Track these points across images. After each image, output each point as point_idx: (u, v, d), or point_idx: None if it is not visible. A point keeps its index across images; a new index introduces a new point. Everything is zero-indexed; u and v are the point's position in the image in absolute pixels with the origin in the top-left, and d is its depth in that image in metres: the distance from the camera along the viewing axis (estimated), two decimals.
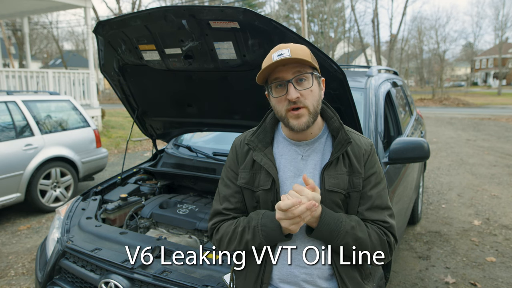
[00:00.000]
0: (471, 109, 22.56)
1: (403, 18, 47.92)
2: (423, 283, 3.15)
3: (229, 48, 1.91)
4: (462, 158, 8.18)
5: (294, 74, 1.19)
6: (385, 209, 1.29)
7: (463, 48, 51.59)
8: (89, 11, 11.09)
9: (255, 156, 1.30)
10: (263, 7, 41.11)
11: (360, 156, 1.28)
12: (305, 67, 1.20)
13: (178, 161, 2.93)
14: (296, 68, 1.19)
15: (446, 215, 4.75)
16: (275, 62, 1.16)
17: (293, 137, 1.30)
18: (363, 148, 1.30)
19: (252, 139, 1.33)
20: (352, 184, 1.25)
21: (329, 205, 1.23)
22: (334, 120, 1.30)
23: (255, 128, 1.36)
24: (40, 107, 5.36)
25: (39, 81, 9.88)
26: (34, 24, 31.31)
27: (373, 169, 1.30)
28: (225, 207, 1.33)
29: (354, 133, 1.34)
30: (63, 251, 1.95)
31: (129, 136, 2.96)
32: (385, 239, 1.24)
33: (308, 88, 1.19)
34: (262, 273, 1.27)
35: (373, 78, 2.98)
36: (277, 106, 1.23)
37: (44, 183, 5.02)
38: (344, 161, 1.26)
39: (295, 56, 1.16)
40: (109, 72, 2.46)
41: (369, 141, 1.35)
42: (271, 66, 1.18)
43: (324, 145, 1.30)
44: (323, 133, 1.32)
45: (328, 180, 1.23)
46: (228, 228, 1.28)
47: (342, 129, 1.27)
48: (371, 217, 1.26)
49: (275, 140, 1.35)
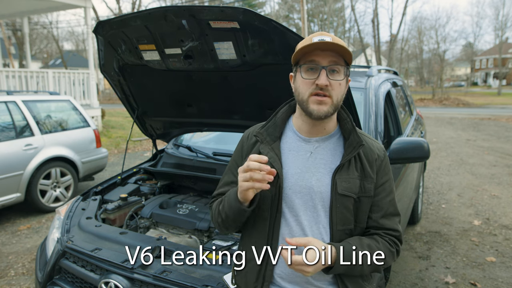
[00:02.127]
0: (471, 109, 22.56)
1: (403, 18, 47.96)
2: (423, 283, 3.15)
3: (229, 48, 1.91)
4: (462, 158, 8.18)
5: (330, 62, 1.17)
6: (397, 216, 1.30)
7: (463, 48, 51.61)
8: (89, 11, 11.08)
9: (262, 149, 1.29)
10: (263, 7, 41.13)
11: (373, 161, 1.26)
12: (341, 60, 1.19)
13: (178, 161, 2.93)
14: (333, 57, 1.17)
15: (446, 215, 4.75)
16: (315, 43, 1.15)
17: (305, 132, 1.28)
18: (375, 152, 1.28)
19: (261, 131, 1.32)
20: (364, 189, 1.23)
21: (340, 209, 1.21)
22: (347, 121, 1.28)
23: (265, 121, 1.35)
24: (40, 107, 5.35)
25: (39, 81, 9.87)
26: (34, 24, 31.30)
27: (387, 176, 1.29)
28: (219, 192, 1.39)
29: (367, 136, 1.32)
30: (63, 251, 1.94)
31: (129, 136, 2.96)
32: (394, 250, 1.25)
33: (338, 80, 1.18)
34: (263, 271, 1.26)
35: (373, 78, 2.98)
36: (302, 87, 1.20)
37: (44, 183, 5.02)
38: (356, 165, 1.24)
39: (337, 42, 1.15)
40: (109, 72, 2.46)
41: (382, 146, 1.33)
42: (311, 47, 1.16)
43: (336, 145, 1.27)
44: (336, 133, 1.30)
45: (340, 184, 1.21)
46: (216, 204, 1.34)
47: (354, 131, 1.26)
48: (385, 225, 1.26)
49: (284, 135, 1.33)
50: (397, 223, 1.29)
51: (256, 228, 1.29)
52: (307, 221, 1.23)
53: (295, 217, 1.24)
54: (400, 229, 1.28)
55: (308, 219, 1.23)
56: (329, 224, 1.22)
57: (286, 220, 1.25)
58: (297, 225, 1.24)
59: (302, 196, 1.24)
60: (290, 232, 1.24)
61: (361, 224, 1.26)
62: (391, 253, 1.24)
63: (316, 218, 1.23)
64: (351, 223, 1.23)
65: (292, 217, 1.24)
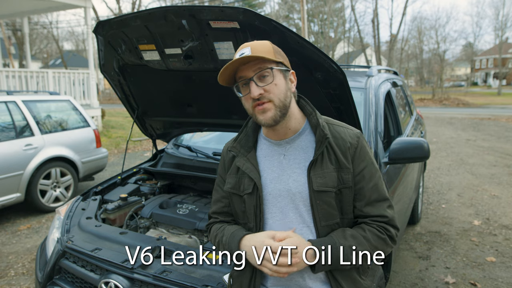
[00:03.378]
0: (471, 109, 22.56)
1: (403, 18, 47.94)
2: (423, 283, 3.15)
3: (229, 48, 1.91)
4: (462, 158, 8.18)
5: (255, 71, 1.18)
6: (384, 201, 1.25)
7: (463, 48, 51.63)
8: (89, 11, 11.09)
9: (237, 162, 1.31)
10: (263, 7, 41.15)
11: (346, 150, 1.23)
12: (266, 63, 1.19)
13: (178, 161, 2.93)
14: (257, 65, 1.19)
15: (446, 215, 4.75)
16: (235, 61, 1.17)
17: (273, 136, 1.29)
18: (347, 141, 1.25)
19: (234, 145, 1.34)
20: (342, 180, 1.21)
21: (320, 205, 1.20)
22: (313, 116, 1.27)
23: (237, 135, 1.37)
24: (40, 107, 5.36)
25: (39, 81, 9.88)
26: (34, 24, 31.30)
27: (364, 162, 1.25)
28: (213, 211, 1.43)
29: (339, 126, 1.30)
30: (63, 251, 1.94)
31: (129, 136, 2.96)
32: (384, 236, 1.21)
33: (270, 82, 1.18)
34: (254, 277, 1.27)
35: (373, 78, 2.98)
36: (246, 104, 1.24)
37: (44, 183, 5.02)
38: (330, 157, 1.22)
39: (254, 53, 1.16)
40: (109, 72, 2.46)
41: (355, 133, 1.29)
42: (233, 65, 1.18)
43: (307, 142, 1.27)
44: (304, 129, 1.29)
45: (315, 180, 1.20)
46: (213, 233, 1.37)
47: (319, 126, 1.24)
48: (370, 212, 1.23)
49: (259, 143, 1.34)
50: (384, 209, 1.24)
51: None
52: (292, 223, 1.24)
53: (280, 221, 1.25)
54: (388, 214, 1.24)
55: (292, 221, 1.24)
56: (313, 221, 1.22)
57: (270, 226, 1.26)
58: (282, 228, 1.24)
59: (283, 199, 1.24)
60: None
61: (348, 216, 1.25)
62: (381, 239, 1.21)
63: (299, 217, 1.24)
64: (335, 217, 1.23)
65: (278, 221, 1.25)
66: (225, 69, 1.19)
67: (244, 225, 1.32)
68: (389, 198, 1.28)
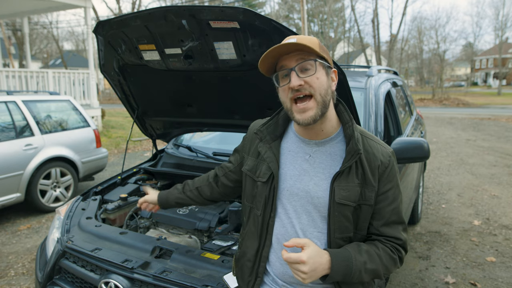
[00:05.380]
0: (471, 109, 22.56)
1: (403, 18, 47.93)
2: (423, 283, 3.15)
3: (229, 48, 1.91)
4: (462, 158, 8.18)
5: (298, 61, 1.13)
6: (400, 224, 1.24)
7: (463, 48, 51.66)
8: (89, 11, 11.09)
9: (260, 147, 1.28)
10: (263, 7, 41.16)
11: (375, 168, 1.19)
12: (310, 55, 1.14)
13: (178, 161, 2.93)
14: (300, 55, 1.14)
15: (446, 215, 4.75)
16: (276, 47, 1.12)
17: (303, 133, 1.24)
18: (379, 159, 1.20)
19: (261, 129, 1.30)
20: (364, 197, 1.17)
21: (338, 217, 1.17)
22: (349, 125, 1.21)
23: (267, 119, 1.33)
24: (40, 107, 5.36)
25: (39, 81, 9.88)
26: (34, 24, 31.31)
27: (391, 183, 1.21)
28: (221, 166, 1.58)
29: (373, 140, 1.24)
30: (63, 251, 1.94)
31: (129, 136, 2.96)
32: (396, 257, 1.20)
33: (312, 75, 1.13)
34: (256, 267, 1.27)
35: (373, 78, 2.98)
36: (283, 96, 1.18)
37: (44, 183, 5.03)
38: (357, 171, 1.17)
39: (300, 41, 1.11)
40: (109, 72, 2.46)
41: (388, 152, 1.24)
42: (273, 52, 1.13)
43: (336, 149, 1.21)
44: (337, 135, 1.23)
45: (338, 192, 1.16)
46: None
47: (353, 138, 1.17)
48: (385, 233, 1.21)
49: (286, 135, 1.30)
50: (399, 232, 1.23)
51: (250, 226, 1.30)
52: (303, 224, 1.21)
53: (290, 219, 1.23)
54: (403, 238, 1.23)
55: (304, 222, 1.21)
56: (327, 231, 1.19)
57: (281, 221, 1.24)
58: (292, 227, 1.22)
59: (299, 199, 1.21)
60: (285, 233, 1.23)
61: (361, 232, 1.22)
62: (393, 259, 1.20)
63: (312, 222, 1.21)
64: (349, 231, 1.19)
65: (288, 219, 1.23)
66: (267, 56, 1.14)
67: (251, 209, 1.30)
68: (405, 222, 1.27)
